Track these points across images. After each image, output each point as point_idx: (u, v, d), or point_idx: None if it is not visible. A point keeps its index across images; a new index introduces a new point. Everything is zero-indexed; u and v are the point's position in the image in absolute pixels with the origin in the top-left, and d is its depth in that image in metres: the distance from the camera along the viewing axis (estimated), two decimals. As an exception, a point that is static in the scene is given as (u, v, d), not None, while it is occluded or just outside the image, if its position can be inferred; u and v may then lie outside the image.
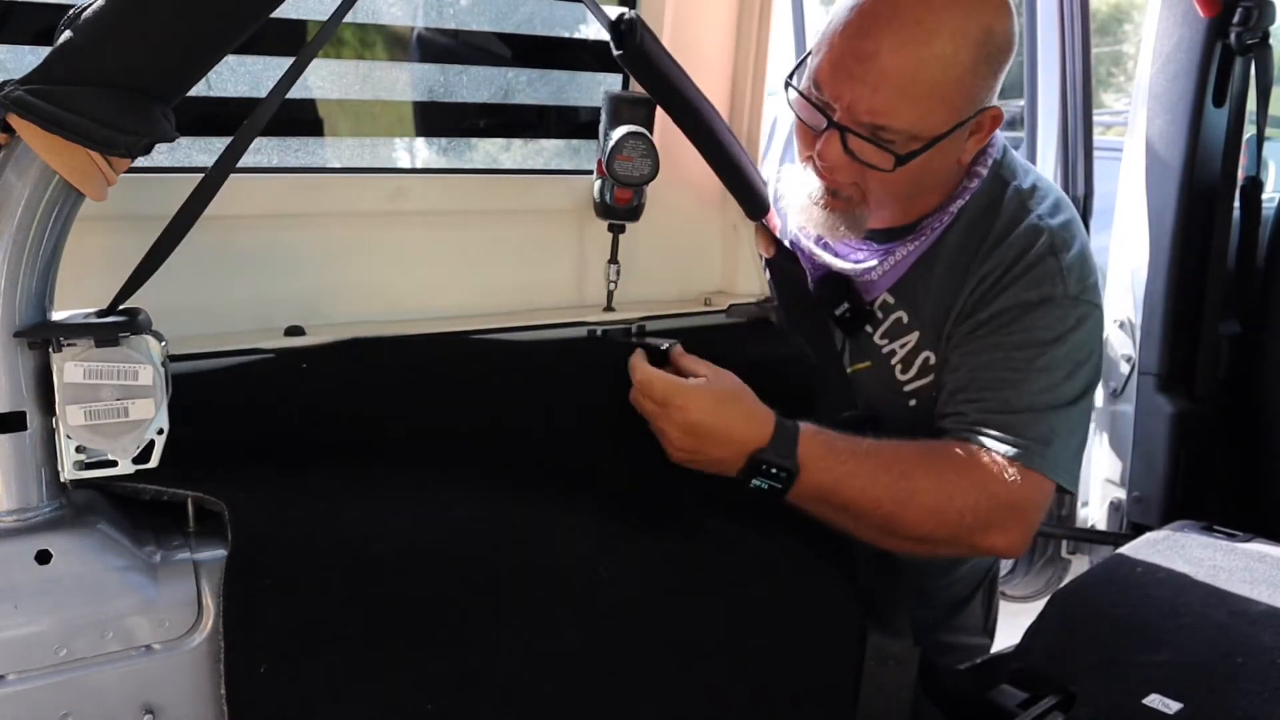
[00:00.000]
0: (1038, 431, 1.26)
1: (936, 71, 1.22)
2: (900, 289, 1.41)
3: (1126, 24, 8.36)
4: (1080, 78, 2.22)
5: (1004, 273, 1.32)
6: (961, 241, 1.37)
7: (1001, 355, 1.30)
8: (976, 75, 1.25)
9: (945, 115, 1.26)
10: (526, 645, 1.00)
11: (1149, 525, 1.95)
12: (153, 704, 0.87)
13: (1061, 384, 1.29)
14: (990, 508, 1.23)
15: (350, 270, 1.18)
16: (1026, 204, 1.36)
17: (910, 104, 1.23)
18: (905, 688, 1.19)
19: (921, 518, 1.21)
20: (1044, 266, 1.31)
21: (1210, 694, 1.18)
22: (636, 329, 1.31)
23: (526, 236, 1.29)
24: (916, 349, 1.40)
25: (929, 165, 1.29)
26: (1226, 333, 2.09)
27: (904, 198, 1.36)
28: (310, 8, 1.12)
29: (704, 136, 1.26)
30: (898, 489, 1.20)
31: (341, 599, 0.92)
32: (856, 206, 1.33)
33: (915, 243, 1.39)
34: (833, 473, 1.19)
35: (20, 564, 0.83)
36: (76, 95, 0.76)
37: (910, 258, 1.39)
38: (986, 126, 1.33)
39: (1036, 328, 1.30)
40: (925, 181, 1.34)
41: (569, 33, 1.33)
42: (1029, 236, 1.33)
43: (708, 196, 1.40)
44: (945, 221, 1.38)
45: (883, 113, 1.23)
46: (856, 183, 1.31)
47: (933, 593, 1.63)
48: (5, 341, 0.81)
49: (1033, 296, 1.30)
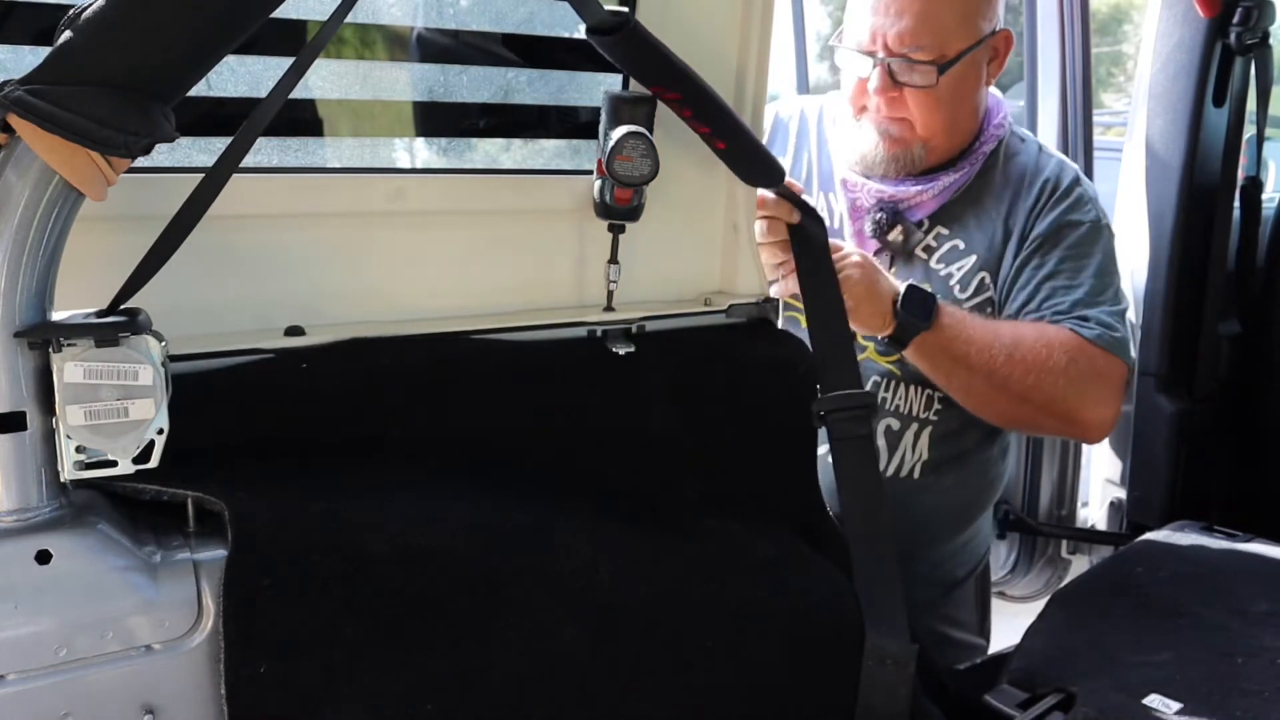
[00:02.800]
0: (1105, 320, 1.54)
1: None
2: (951, 221, 1.67)
3: (1126, 24, 8.36)
4: (1080, 78, 2.22)
5: (1046, 199, 1.63)
6: (1000, 179, 1.67)
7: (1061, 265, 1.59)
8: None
9: (965, 31, 1.55)
10: (526, 645, 1.00)
11: (1149, 525, 1.95)
12: (153, 704, 0.87)
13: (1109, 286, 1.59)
14: (1082, 376, 1.50)
15: (350, 270, 1.18)
16: (1044, 151, 1.72)
17: (935, 26, 1.53)
18: (904, 687, 1.19)
19: (1023, 373, 1.48)
20: (1078, 193, 1.64)
21: (1210, 694, 1.18)
22: (636, 329, 1.31)
23: (526, 236, 1.29)
24: (973, 270, 1.65)
25: (961, 84, 1.58)
26: (1226, 333, 2.09)
27: (947, 120, 1.62)
28: (310, 8, 1.12)
29: (709, 111, 1.25)
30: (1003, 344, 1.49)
31: (341, 599, 0.92)
32: (912, 143, 1.61)
33: (956, 175, 1.65)
34: (956, 316, 1.51)
35: (20, 564, 0.83)
36: (76, 95, 0.76)
37: (952, 187, 1.66)
38: (1002, 49, 1.63)
39: (1084, 241, 1.60)
40: (962, 106, 1.62)
41: (569, 33, 1.33)
42: (1057, 171, 1.66)
43: (708, 196, 1.40)
44: (979, 160, 1.66)
45: (912, 34, 1.53)
46: (905, 118, 1.59)
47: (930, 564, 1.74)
48: (5, 341, 0.81)
49: (1074, 217, 1.62)
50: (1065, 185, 1.64)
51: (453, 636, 0.97)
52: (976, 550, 1.87)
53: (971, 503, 1.79)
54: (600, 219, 1.28)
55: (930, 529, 1.73)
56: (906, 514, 1.61)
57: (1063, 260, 1.60)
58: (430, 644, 0.96)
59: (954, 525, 1.78)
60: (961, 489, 1.74)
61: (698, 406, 1.28)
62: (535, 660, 1.01)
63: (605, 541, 1.10)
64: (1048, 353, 1.50)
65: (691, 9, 1.30)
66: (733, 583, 1.15)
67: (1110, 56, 8.46)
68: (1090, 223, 1.62)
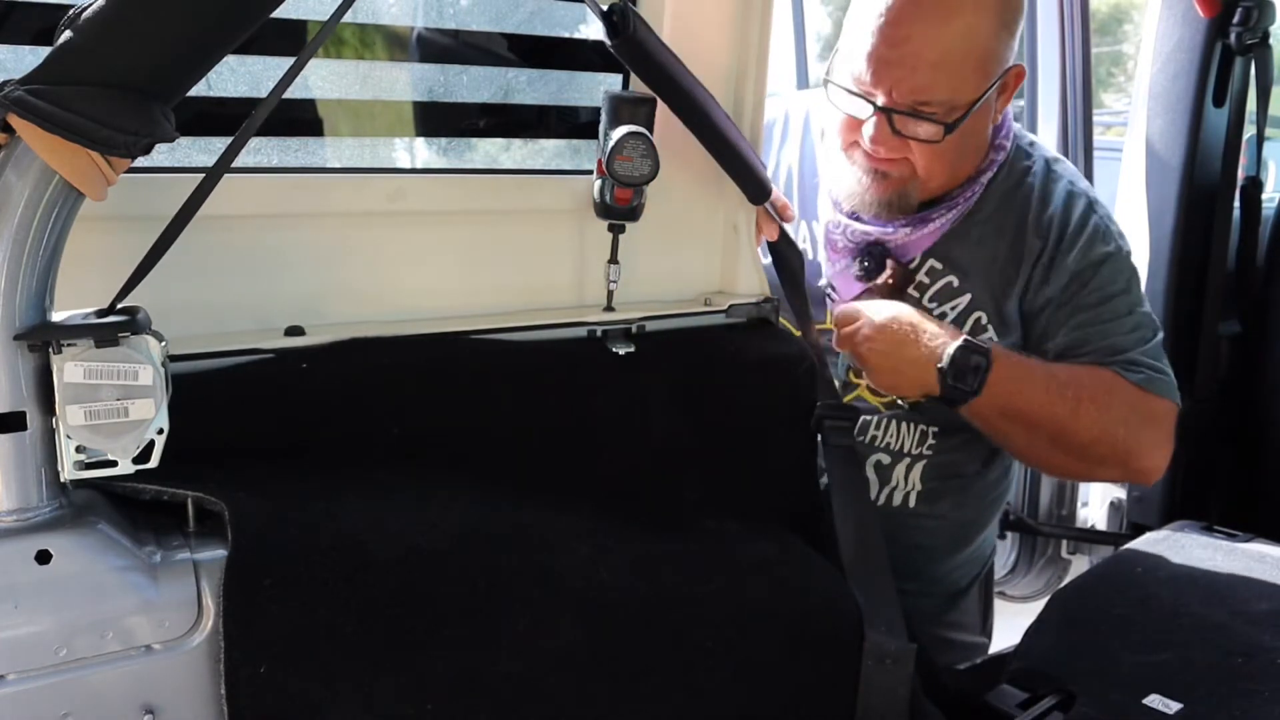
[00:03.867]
0: (1148, 363, 1.46)
1: (965, 44, 1.36)
2: (945, 256, 1.53)
3: (1126, 24, 8.36)
4: (1080, 78, 2.22)
5: (1059, 239, 1.48)
6: (1001, 208, 1.52)
7: (1090, 314, 1.47)
8: (999, 40, 1.39)
9: (978, 80, 1.39)
10: (526, 645, 1.00)
11: (1149, 525, 1.95)
12: (153, 704, 0.87)
13: (1143, 322, 1.49)
14: (1139, 423, 1.43)
15: (350, 270, 1.18)
16: (1053, 170, 1.54)
17: (946, 77, 1.36)
18: (903, 686, 1.19)
19: (1087, 426, 1.39)
20: (1094, 224, 1.49)
21: (1210, 694, 1.18)
22: (636, 329, 1.31)
23: (526, 236, 1.29)
24: (969, 309, 1.52)
25: (971, 129, 1.43)
26: (1226, 333, 2.09)
27: (952, 164, 1.48)
28: (310, 8, 1.12)
29: (703, 124, 1.26)
30: (1065, 399, 1.39)
31: (341, 599, 0.92)
32: (907, 182, 1.46)
33: (950, 212, 1.51)
34: (1014, 369, 1.39)
35: (20, 564, 0.83)
36: (76, 95, 0.76)
37: (945, 225, 1.51)
38: (1012, 84, 1.47)
39: (1109, 282, 1.48)
40: (969, 145, 1.48)
41: (569, 33, 1.33)
42: (1067, 203, 1.50)
43: (708, 197, 1.40)
44: (977, 192, 1.51)
45: (924, 89, 1.36)
46: (906, 158, 1.43)
47: (933, 578, 1.66)
48: (5, 342, 0.81)
49: (1096, 255, 1.48)
50: (1077, 218, 1.49)
51: (453, 636, 0.97)
52: (979, 561, 1.79)
53: (971, 523, 1.70)
54: (600, 219, 1.28)
55: (928, 549, 1.66)
56: (901, 539, 1.53)
57: (1096, 303, 1.48)
58: (430, 644, 0.96)
59: (953, 545, 1.69)
60: (959, 511, 1.66)
61: (697, 406, 1.28)
62: (535, 660, 1.01)
63: (605, 541, 1.10)
64: (1106, 403, 1.41)
65: (691, 8, 1.30)
66: (733, 583, 1.15)
67: (1110, 56, 8.46)
68: (1113, 254, 1.49)
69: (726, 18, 1.34)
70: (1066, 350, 1.48)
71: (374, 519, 0.99)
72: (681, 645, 1.10)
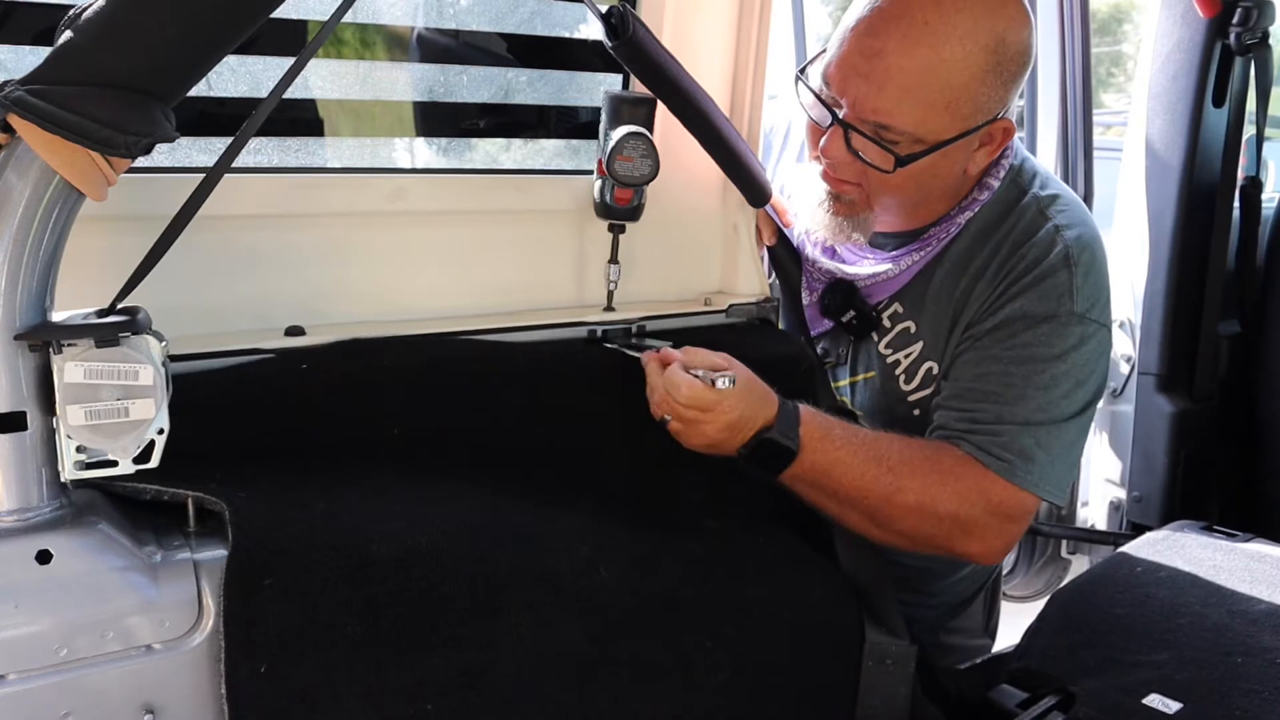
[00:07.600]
0: (1026, 447, 1.25)
1: (943, 75, 1.21)
2: (907, 299, 1.39)
3: (1126, 24, 8.36)
4: (1080, 78, 2.22)
5: (1015, 280, 1.30)
6: (969, 249, 1.35)
7: (1000, 369, 1.28)
8: (985, 84, 1.23)
9: (950, 121, 1.24)
10: (526, 645, 1.00)
11: (1149, 525, 1.95)
12: (153, 704, 0.87)
13: (1058, 401, 1.27)
14: (970, 516, 1.24)
15: (350, 270, 1.18)
16: (1045, 211, 1.34)
17: (914, 105, 1.22)
18: (903, 686, 1.19)
19: (904, 514, 1.23)
20: (1055, 279, 1.28)
21: (1210, 694, 1.18)
22: (636, 329, 1.31)
23: (526, 236, 1.29)
24: (920, 359, 1.39)
25: (934, 171, 1.28)
26: (1226, 333, 2.09)
27: (909, 203, 1.34)
28: (310, 8, 1.12)
29: (703, 126, 1.26)
30: (885, 483, 1.22)
31: (341, 599, 0.92)
32: (861, 210, 1.32)
33: (921, 253, 1.37)
34: (828, 456, 1.21)
35: (21, 564, 0.83)
36: (77, 95, 0.76)
37: (915, 267, 1.37)
38: (998, 139, 1.30)
39: (1039, 343, 1.27)
40: (931, 187, 1.32)
41: (569, 33, 1.33)
42: (1044, 245, 1.30)
43: (708, 197, 1.40)
44: (952, 232, 1.35)
45: (887, 112, 1.22)
46: (860, 184, 1.30)
47: (935, 592, 1.63)
48: (5, 342, 0.81)
49: (1039, 310, 1.28)
50: (1046, 263, 1.29)
51: (453, 636, 0.97)
52: (985, 571, 1.70)
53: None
54: (600, 219, 1.29)
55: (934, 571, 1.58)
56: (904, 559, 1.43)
57: (1012, 360, 1.28)
58: (430, 644, 0.96)
59: (951, 563, 1.58)
60: None
61: None
62: (535, 660, 1.01)
63: (605, 541, 1.10)
64: (931, 499, 1.23)
65: (691, 9, 1.31)
66: (733, 583, 1.15)
67: (1110, 56, 8.45)
68: (1063, 317, 1.27)
69: (726, 19, 1.34)
70: (954, 395, 1.31)
71: (374, 518, 0.99)
72: (681, 645, 1.10)
